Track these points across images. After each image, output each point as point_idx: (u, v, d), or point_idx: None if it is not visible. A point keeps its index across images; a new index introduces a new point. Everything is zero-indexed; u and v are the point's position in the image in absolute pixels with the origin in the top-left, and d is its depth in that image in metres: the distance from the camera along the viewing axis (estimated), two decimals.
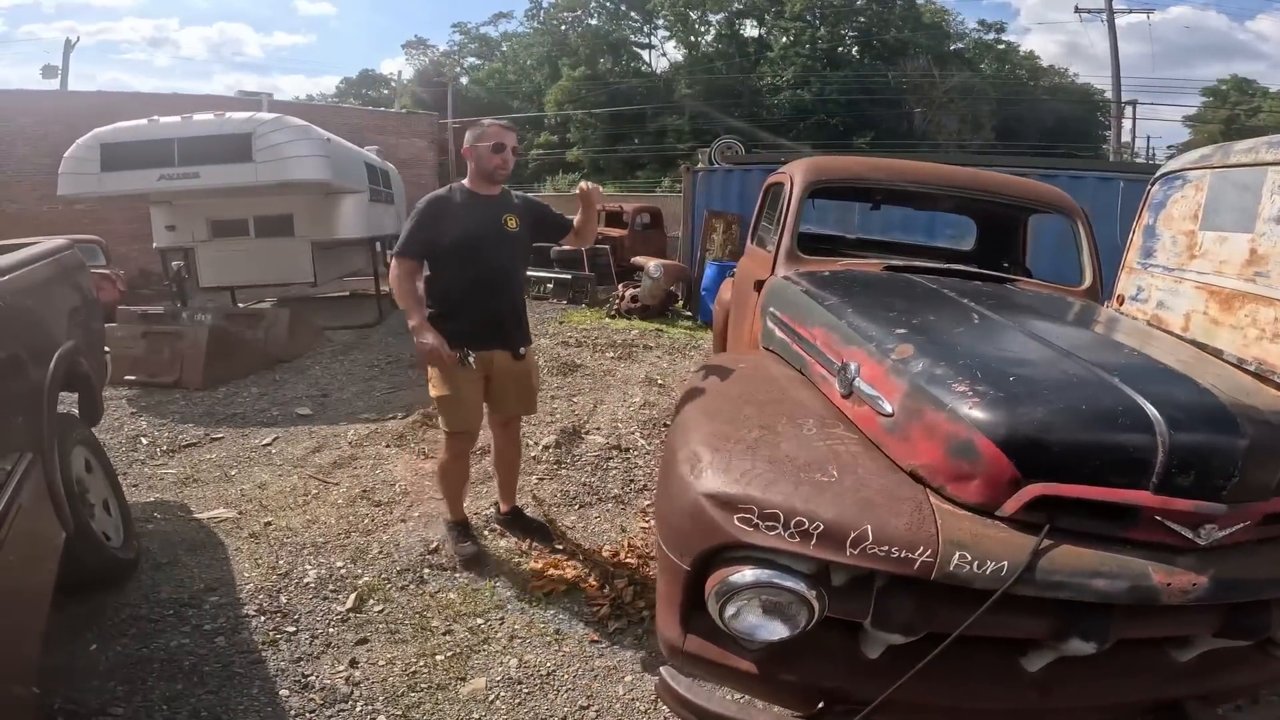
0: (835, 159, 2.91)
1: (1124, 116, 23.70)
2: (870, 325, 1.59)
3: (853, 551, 1.10)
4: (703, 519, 1.21)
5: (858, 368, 1.48)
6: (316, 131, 6.24)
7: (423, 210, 2.34)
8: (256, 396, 4.87)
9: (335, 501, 3.04)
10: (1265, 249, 3.11)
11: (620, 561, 2.52)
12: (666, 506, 1.35)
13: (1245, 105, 28.87)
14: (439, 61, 37.25)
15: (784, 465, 1.26)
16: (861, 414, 1.43)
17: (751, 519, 1.15)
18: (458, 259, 2.32)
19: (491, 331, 2.38)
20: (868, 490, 1.19)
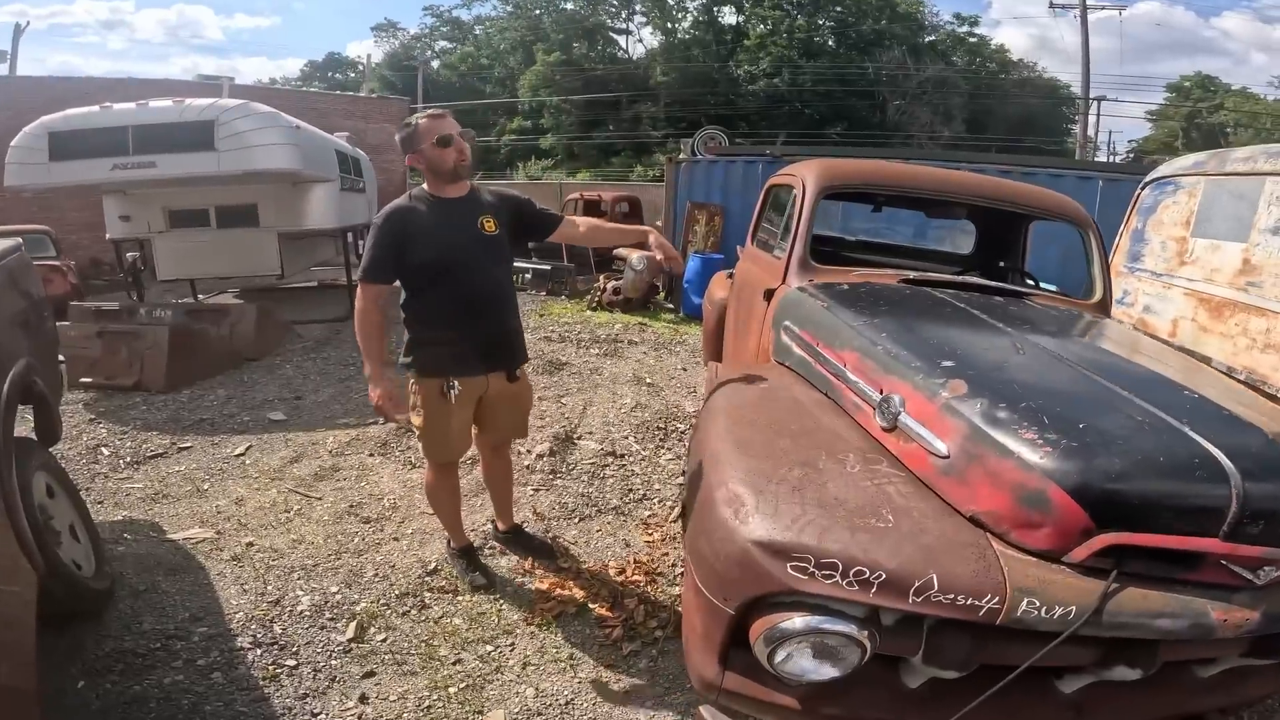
0: (847, 163, 2.87)
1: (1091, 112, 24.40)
2: (911, 354, 1.55)
3: (915, 600, 1.09)
4: (751, 566, 1.19)
5: (902, 401, 1.44)
6: (284, 119, 5.96)
7: (383, 227, 2.04)
8: (224, 400, 4.66)
9: (320, 518, 2.91)
10: (1259, 259, 3.19)
11: (628, 579, 2.47)
12: (707, 549, 1.30)
13: (1207, 102, 29.93)
14: (409, 45, 36.35)
15: (836, 510, 1.24)
16: (908, 451, 1.39)
17: (807, 568, 1.13)
18: (434, 277, 2.06)
19: (482, 354, 2.16)
20: (928, 537, 1.18)
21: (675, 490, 3.32)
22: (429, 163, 2.07)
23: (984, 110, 29.42)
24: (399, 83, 27.41)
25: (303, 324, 6.85)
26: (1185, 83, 32.60)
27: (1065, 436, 1.18)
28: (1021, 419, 1.24)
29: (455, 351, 2.12)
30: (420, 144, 2.04)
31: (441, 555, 2.55)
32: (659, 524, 2.94)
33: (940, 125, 26.88)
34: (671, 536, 2.83)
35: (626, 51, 33.18)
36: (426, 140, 2.03)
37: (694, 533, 1.40)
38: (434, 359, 2.11)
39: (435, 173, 2.09)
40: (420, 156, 2.06)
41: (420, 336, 2.13)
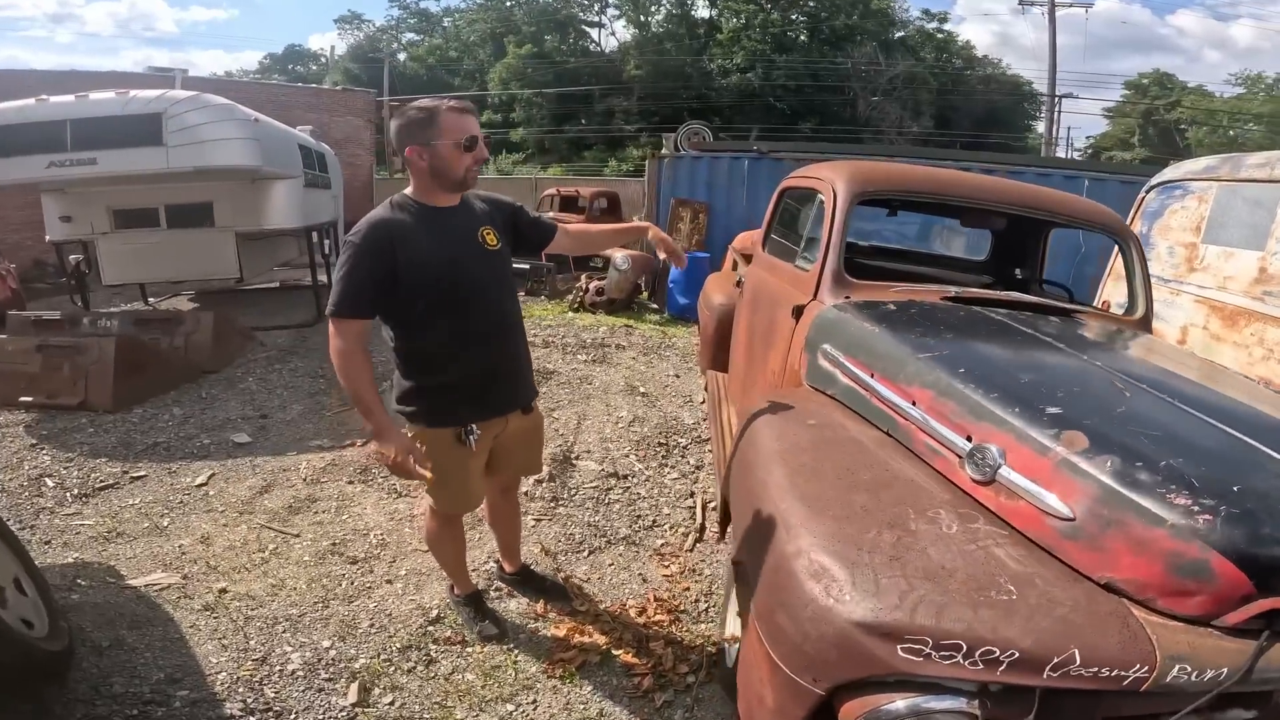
0: (879, 166, 2.73)
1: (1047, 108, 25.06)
2: (1004, 397, 1.41)
3: (1052, 675, 1.00)
4: (853, 649, 1.06)
5: (1002, 453, 1.30)
6: (242, 111, 5.59)
7: (363, 245, 1.64)
8: (181, 420, 4.31)
9: (300, 559, 2.66)
10: (1277, 269, 3.17)
11: (650, 619, 2.30)
12: (790, 626, 1.15)
13: (1164, 100, 31.04)
14: (374, 37, 35.51)
15: (946, 582, 1.11)
16: (1013, 509, 1.26)
17: (923, 650, 1.02)
18: (432, 305, 1.72)
19: (496, 392, 1.88)
20: (1062, 608, 1.06)
21: (685, 514, 3.16)
22: (437, 163, 1.69)
23: (950, 106, 30.02)
24: (363, 75, 26.74)
25: (265, 330, 6.47)
26: (1143, 80, 33.77)
27: (1222, 502, 1.08)
28: (1166, 482, 1.13)
29: (469, 394, 1.83)
30: (436, 138, 1.66)
31: (443, 601, 2.33)
32: (674, 554, 2.78)
33: (909, 121, 27.29)
34: (691, 568, 2.66)
35: (599, 45, 33.06)
36: (447, 136, 1.66)
37: (769, 604, 1.24)
38: (446, 405, 1.81)
39: (439, 177, 1.72)
40: (428, 153, 1.67)
41: (424, 380, 1.80)
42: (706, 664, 2.07)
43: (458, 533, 2.15)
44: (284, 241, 7.73)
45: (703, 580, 2.59)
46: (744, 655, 1.41)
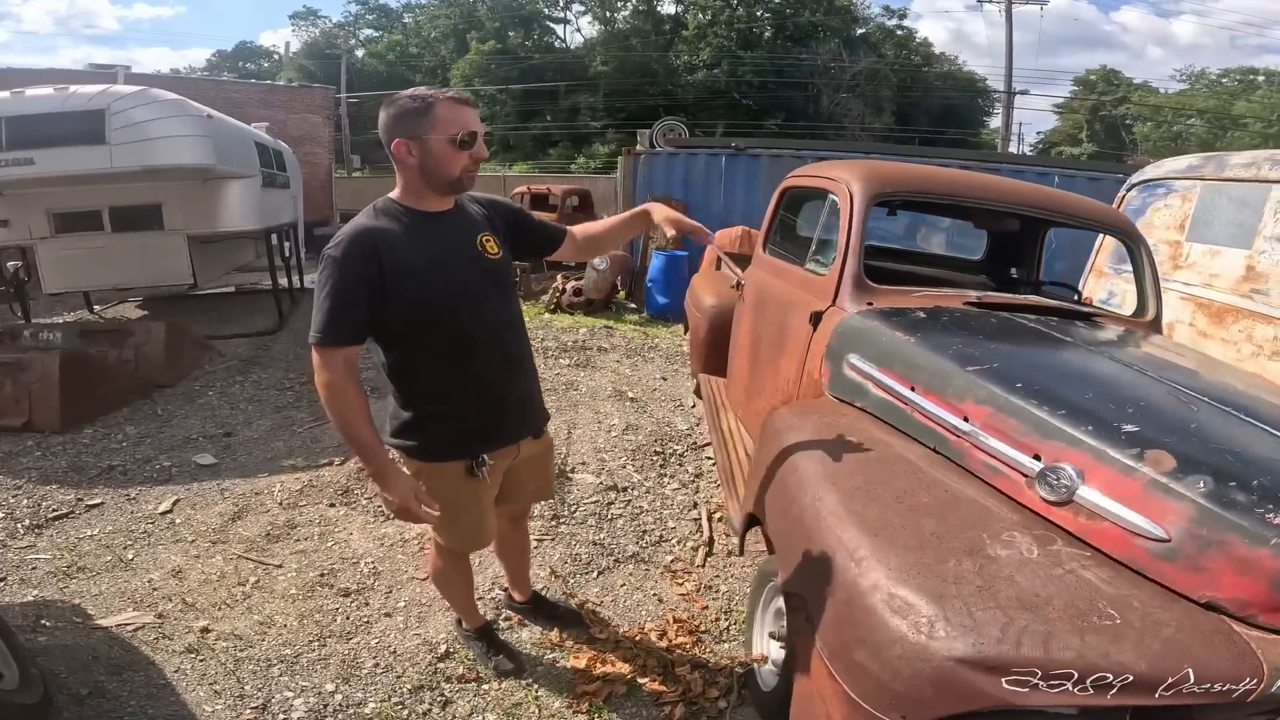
0: (895, 167, 2.69)
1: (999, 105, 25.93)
2: (1072, 414, 1.37)
3: (1164, 694, 0.99)
4: (953, 685, 1.02)
5: (1080, 473, 1.26)
6: (193, 107, 5.28)
7: (346, 260, 1.43)
8: (136, 440, 4.03)
9: (286, 592, 2.48)
10: (1265, 267, 3.26)
11: (672, 642, 2.21)
12: (873, 663, 1.10)
13: (1111, 96, 32.40)
14: (331, 33, 34.64)
15: (1044, 610, 1.07)
16: (1096, 530, 1.22)
17: (1031, 681, 0.99)
18: (428, 326, 1.54)
19: (507, 419, 1.70)
20: (1168, 629, 1.05)
21: (690, 527, 3.08)
22: (428, 161, 1.47)
23: (910, 102, 30.76)
24: (319, 73, 26.06)
25: (223, 339, 6.15)
26: (1091, 76, 35.19)
27: None
28: (1263, 501, 1.12)
29: (479, 423, 1.64)
30: (429, 131, 1.45)
31: (450, 634, 2.20)
32: (686, 570, 2.69)
33: (871, 117, 27.85)
34: (706, 585, 2.58)
35: (564, 41, 32.89)
36: (441, 130, 1.45)
37: (842, 641, 1.17)
38: (453, 436, 1.63)
39: (430, 177, 1.50)
40: (418, 148, 1.46)
41: (426, 409, 1.62)
42: (736, 686, 2.00)
43: (466, 569, 2.00)
44: (239, 245, 7.37)
45: (720, 597, 2.51)
46: (804, 689, 1.35)
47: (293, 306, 7.63)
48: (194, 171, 5.47)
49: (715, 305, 4.35)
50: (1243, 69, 30.94)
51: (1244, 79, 30.22)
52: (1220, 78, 31.09)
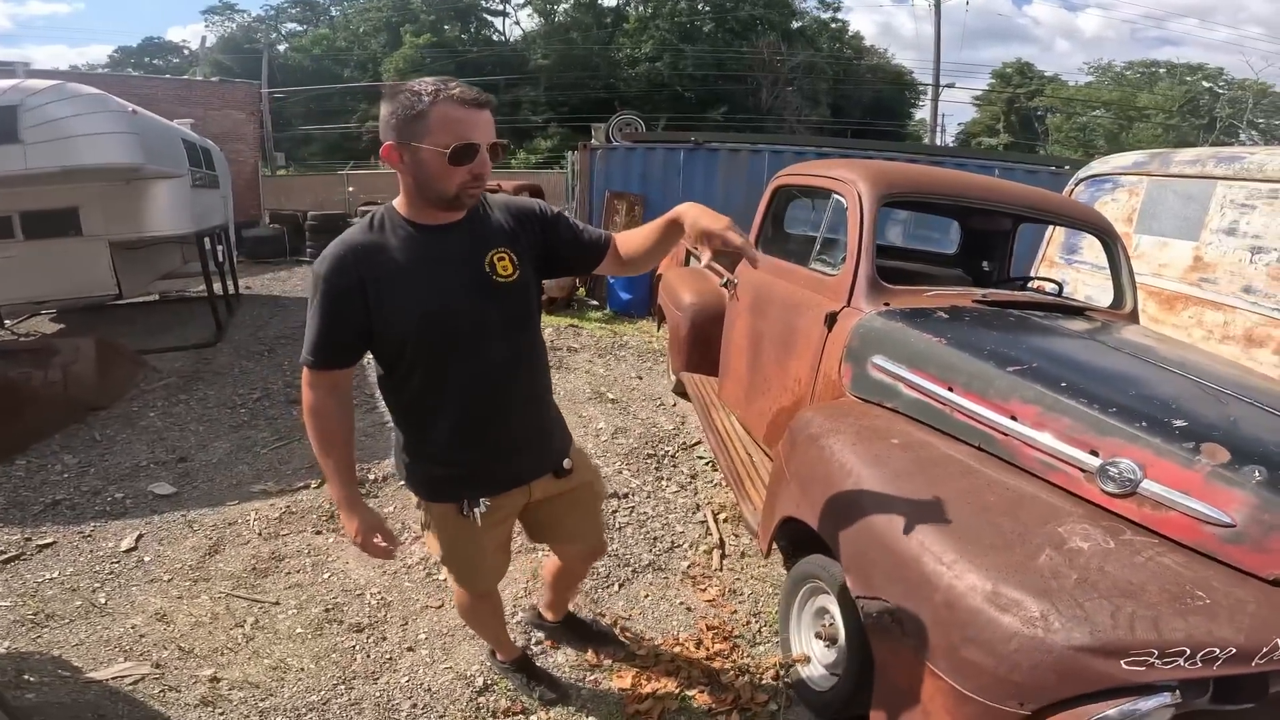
0: (899, 168, 2.78)
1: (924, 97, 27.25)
2: (1122, 411, 1.48)
3: (1260, 662, 1.11)
4: (1074, 671, 1.12)
5: (1141, 467, 1.36)
6: (115, 102, 4.89)
7: (329, 279, 1.31)
8: (78, 470, 3.73)
9: (292, 632, 2.36)
10: (1212, 257, 3.58)
11: (712, 651, 2.23)
12: (986, 658, 1.18)
13: (1026, 89, 34.49)
14: (250, 28, 32.76)
15: (1143, 595, 1.18)
16: (1164, 520, 1.32)
17: (1148, 660, 1.10)
18: (423, 357, 1.39)
19: (507, 461, 1.54)
20: (1251, 606, 1.17)
21: (698, 529, 3.11)
22: (419, 173, 1.28)
23: (843, 95, 31.82)
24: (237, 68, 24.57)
25: (156, 354, 5.73)
26: (1007, 69, 37.30)
27: None
28: None
29: (470, 462, 1.49)
30: (422, 137, 1.24)
31: (483, 664, 2.15)
32: (705, 575, 2.72)
33: (808, 110, 28.65)
34: (730, 589, 2.62)
35: (503, 34, 32.32)
36: (436, 138, 1.24)
37: (948, 641, 1.23)
38: (441, 478, 1.52)
39: (424, 190, 1.31)
40: (408, 154, 1.27)
41: (416, 444, 1.50)
42: (784, 688, 2.05)
43: (494, 602, 1.89)
44: (165, 250, 6.87)
45: (745, 600, 2.56)
46: (892, 688, 1.39)
47: (230, 315, 7.20)
48: (119, 171, 5.07)
49: (696, 303, 4.39)
50: (1145, 62, 33.55)
51: (1147, 71, 32.77)
52: (1125, 70, 33.60)
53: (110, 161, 4.79)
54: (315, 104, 28.92)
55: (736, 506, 3.21)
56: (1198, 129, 28.16)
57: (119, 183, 5.42)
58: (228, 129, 12.56)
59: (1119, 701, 1.10)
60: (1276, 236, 3.25)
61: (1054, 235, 4.80)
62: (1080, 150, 28.99)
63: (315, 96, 27.99)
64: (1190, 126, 28.47)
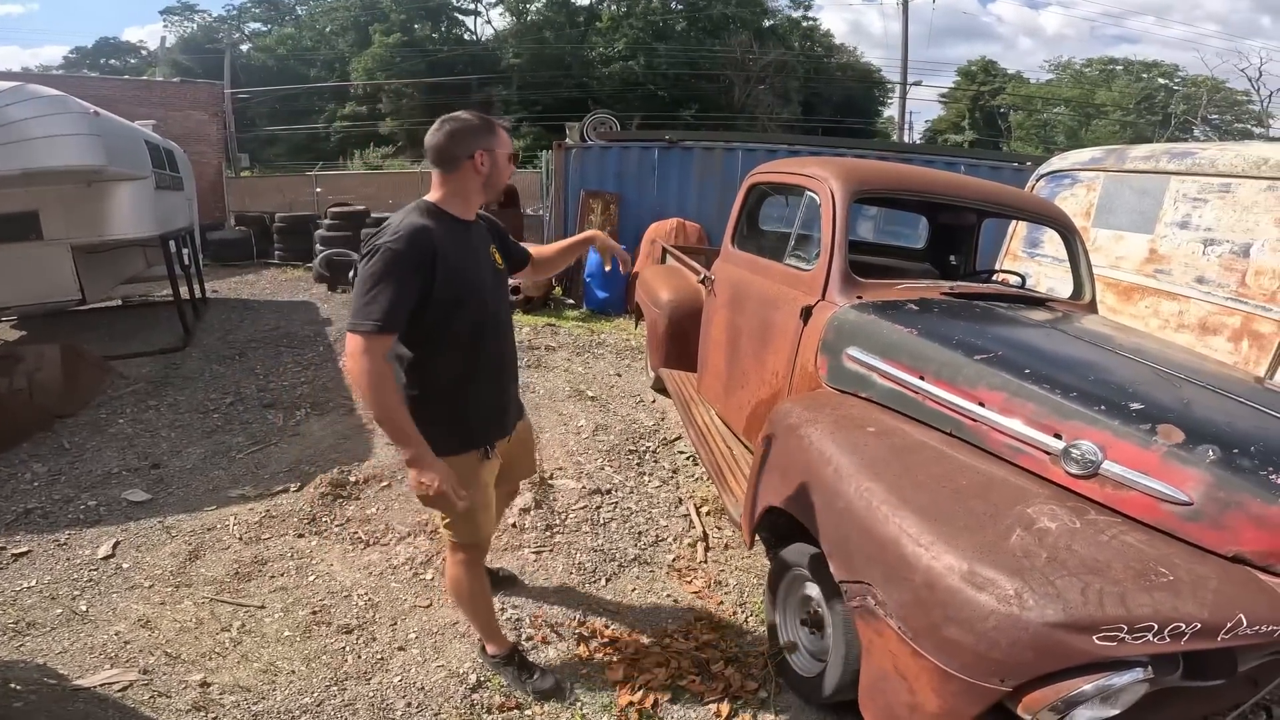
0: (869, 165, 2.87)
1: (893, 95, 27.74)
2: (1082, 396, 1.56)
3: (1224, 637, 1.17)
4: (1049, 647, 1.18)
5: (1101, 449, 1.45)
6: (76, 103, 4.75)
7: (409, 254, 1.57)
8: (48, 479, 3.64)
9: (280, 635, 2.35)
10: (1167, 250, 3.74)
11: (700, 641, 2.29)
12: (966, 636, 1.24)
13: (990, 86, 35.26)
14: (210, 27, 32.05)
15: (1109, 573, 1.24)
16: (1124, 499, 1.40)
17: (1118, 636, 1.16)
18: (463, 324, 1.72)
19: (509, 406, 1.97)
20: (1212, 582, 1.24)
21: (682, 523, 3.17)
22: (492, 174, 1.74)
23: (814, 93, 32.19)
24: (197, 68, 23.98)
25: (122, 359, 5.60)
26: (972, 67, 38.09)
27: None
28: (1264, 464, 1.33)
29: (485, 415, 1.85)
30: (498, 146, 1.73)
31: (474, 661, 2.17)
32: (690, 568, 2.78)
33: (779, 108, 28.92)
34: (715, 580, 2.69)
35: (474, 33, 32.08)
36: (506, 147, 1.76)
37: (928, 621, 1.30)
38: (473, 426, 1.82)
39: (488, 188, 1.77)
40: (489, 160, 1.71)
41: (451, 400, 1.75)
42: (772, 675, 2.11)
43: (483, 575, 2.04)
44: (128, 254, 6.70)
45: (731, 590, 2.62)
46: (878, 669, 1.46)
47: (198, 319, 7.05)
48: (81, 174, 4.94)
49: (674, 300, 4.44)
50: (1104, 59, 34.53)
51: (1105, 69, 33.73)
52: (1084, 68, 34.54)
53: (72, 163, 4.67)
54: (281, 104, 28.34)
55: (718, 499, 3.28)
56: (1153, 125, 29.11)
57: (80, 185, 5.28)
58: (190, 130, 12.28)
59: (1094, 677, 1.16)
60: (1228, 229, 3.42)
61: (1017, 230, 4.96)
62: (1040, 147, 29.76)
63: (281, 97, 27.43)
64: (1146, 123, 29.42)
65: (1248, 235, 3.37)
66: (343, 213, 10.40)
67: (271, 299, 8.61)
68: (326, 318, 7.32)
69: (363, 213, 10.51)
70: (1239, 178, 3.43)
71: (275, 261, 11.39)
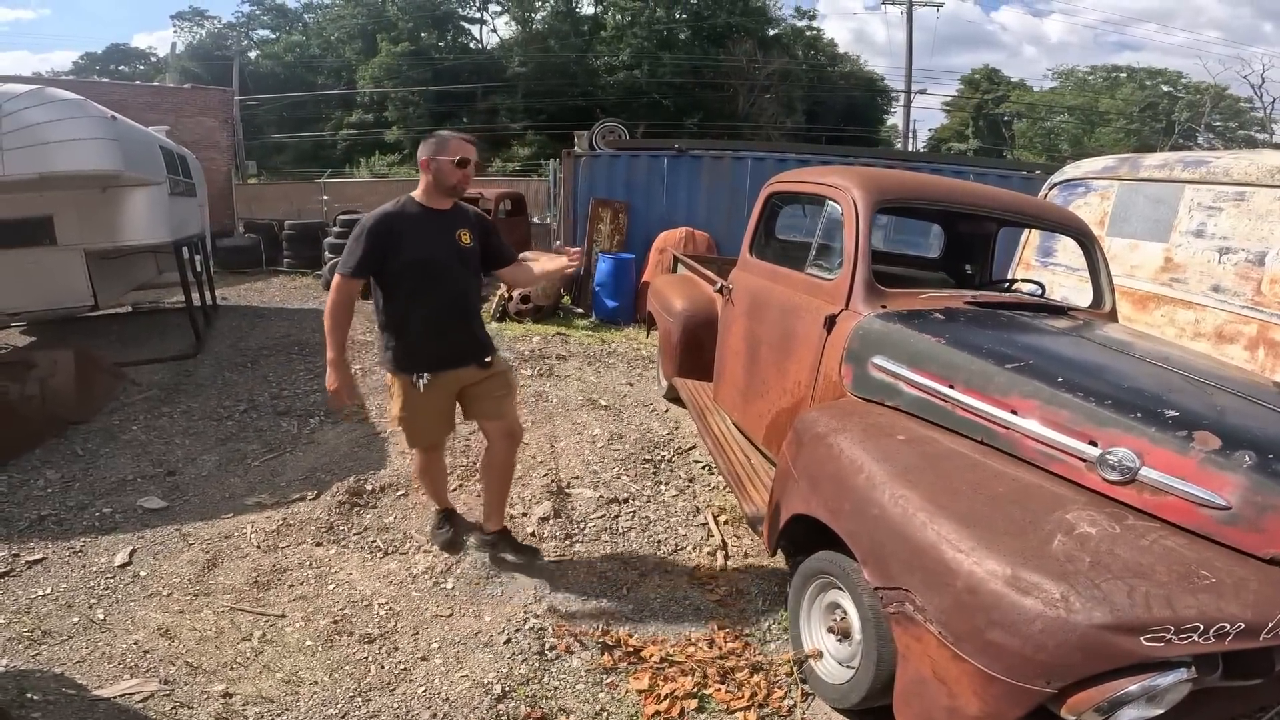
0: (892, 175, 2.87)
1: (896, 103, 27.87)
2: (1122, 404, 1.57)
3: (1266, 637, 1.18)
4: (1096, 649, 1.20)
5: (1138, 456, 1.46)
6: (95, 108, 4.80)
7: (372, 227, 2.31)
8: (61, 485, 3.65)
9: (301, 645, 2.35)
10: (1182, 258, 3.75)
11: (725, 650, 2.28)
12: (1011, 640, 1.26)
13: (993, 94, 35.40)
14: (220, 34, 32.59)
15: (1154, 575, 1.26)
16: (1163, 504, 1.41)
17: (1165, 636, 1.18)
18: (411, 280, 2.36)
19: (449, 353, 2.48)
20: (1253, 583, 1.25)
21: (700, 532, 3.17)
22: (438, 173, 2.35)
23: (817, 101, 32.35)
24: (205, 75, 24.33)
25: (135, 366, 5.63)
26: (975, 75, 38.26)
27: None
28: None
29: (424, 351, 2.43)
30: (442, 153, 2.34)
31: (500, 671, 2.17)
32: (711, 576, 2.78)
33: (783, 116, 29.06)
34: (737, 589, 2.68)
35: (480, 42, 32.48)
36: (451, 153, 2.34)
37: (972, 625, 1.31)
38: (406, 355, 2.42)
39: (438, 184, 2.37)
40: (433, 165, 2.35)
41: (395, 334, 2.42)
42: (799, 684, 2.11)
43: (439, 464, 2.86)
44: (140, 260, 6.74)
45: (753, 599, 2.61)
46: (916, 674, 1.45)
47: (209, 326, 7.08)
48: (95, 178, 4.98)
49: (687, 309, 4.45)
50: (1108, 67, 34.65)
51: (1109, 76, 33.84)
52: (1088, 75, 34.66)
53: (90, 168, 4.70)
54: (288, 112, 28.57)
55: (736, 508, 3.28)
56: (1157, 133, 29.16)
57: (95, 190, 5.32)
58: (200, 136, 12.39)
59: (1140, 677, 1.17)
60: (1243, 237, 3.43)
61: (1029, 239, 4.97)
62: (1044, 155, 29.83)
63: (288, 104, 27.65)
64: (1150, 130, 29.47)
65: (1263, 243, 3.38)
66: (352, 220, 10.45)
67: (282, 306, 8.64)
68: None
69: None
70: (1254, 186, 3.45)
71: (284, 269, 11.44)
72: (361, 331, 6.91)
